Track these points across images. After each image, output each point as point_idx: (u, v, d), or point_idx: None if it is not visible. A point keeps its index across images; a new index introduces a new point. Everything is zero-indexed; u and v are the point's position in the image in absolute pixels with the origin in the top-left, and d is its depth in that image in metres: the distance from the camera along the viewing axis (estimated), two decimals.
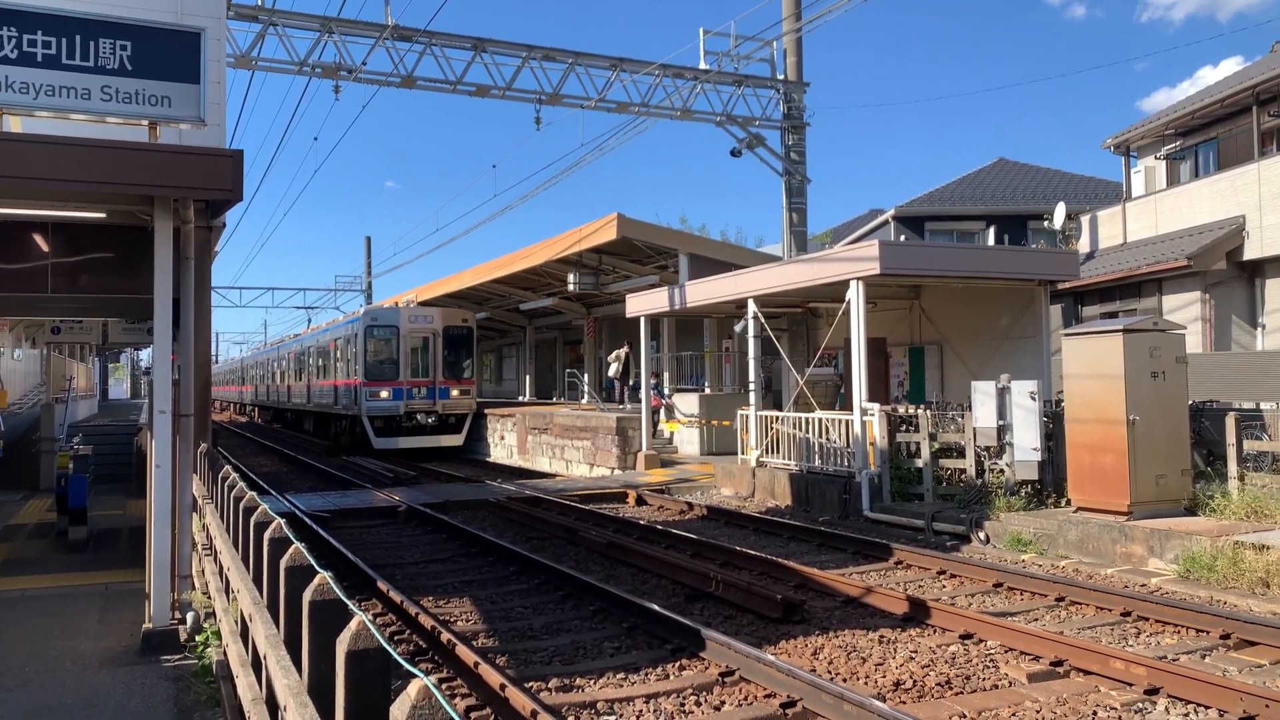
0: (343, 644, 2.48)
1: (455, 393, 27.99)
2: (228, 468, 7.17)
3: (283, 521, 4.20)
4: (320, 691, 2.85)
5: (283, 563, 3.49)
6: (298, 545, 3.50)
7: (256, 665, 4.22)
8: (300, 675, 3.05)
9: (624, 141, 24.24)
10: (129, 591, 9.21)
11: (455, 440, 27.99)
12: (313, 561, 3.29)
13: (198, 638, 7.21)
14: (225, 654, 5.67)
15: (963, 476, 13.50)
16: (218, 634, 6.63)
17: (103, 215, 8.43)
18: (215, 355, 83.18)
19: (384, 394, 26.77)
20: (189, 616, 7.53)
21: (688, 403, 22.23)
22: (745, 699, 6.42)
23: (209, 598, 7.30)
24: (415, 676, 2.02)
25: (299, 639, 3.12)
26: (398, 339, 27.34)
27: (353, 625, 2.49)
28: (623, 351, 26.01)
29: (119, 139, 7.55)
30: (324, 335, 33.38)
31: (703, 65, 21.28)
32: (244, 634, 4.84)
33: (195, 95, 7.76)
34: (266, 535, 4.08)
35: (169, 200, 7.73)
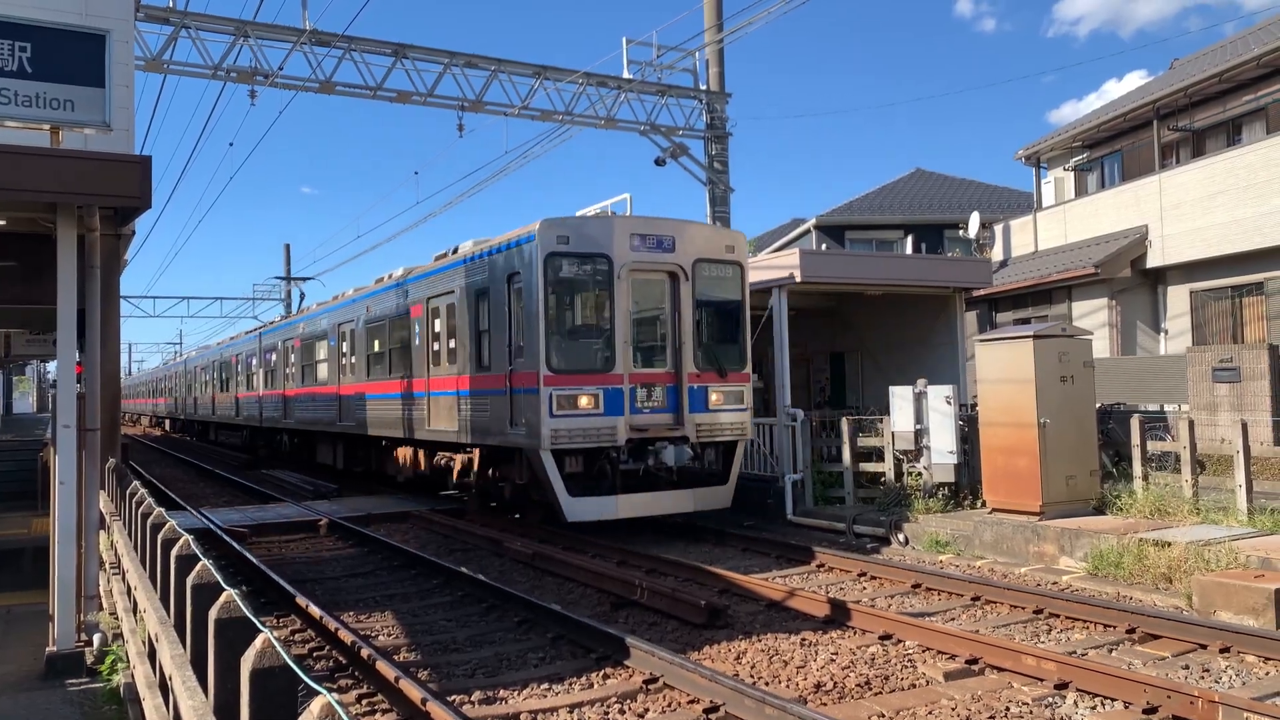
0: (247, 662, 2.42)
1: (718, 396, 13.26)
2: (136, 483, 6.95)
3: (191, 538, 4.10)
4: (226, 712, 2.78)
5: (189, 580, 3.40)
6: (204, 562, 3.41)
7: (164, 687, 4.10)
8: (207, 696, 2.97)
9: (548, 149, 24.10)
10: (33, 614, 8.85)
11: (718, 496, 13.33)
12: (219, 578, 3.21)
13: (106, 660, 6.97)
14: (133, 676, 5.49)
15: (882, 480, 13.75)
16: (126, 656, 6.41)
17: (2, 223, 8.11)
18: (128, 367, 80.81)
19: (583, 401, 12.27)
20: (96, 638, 7.28)
21: None
22: (669, 705, 6.43)
23: (117, 618, 7.07)
24: (319, 694, 1.99)
25: (206, 658, 3.04)
26: (611, 283, 12.65)
27: (258, 643, 2.44)
28: None
29: (18, 144, 7.27)
30: (383, 298, 18.31)
31: (626, 74, 21.35)
32: (152, 655, 4.70)
33: (100, 99, 7.51)
34: (174, 552, 3.97)
35: (72, 208, 7.47)
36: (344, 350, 20.67)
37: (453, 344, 14.94)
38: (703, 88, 22.29)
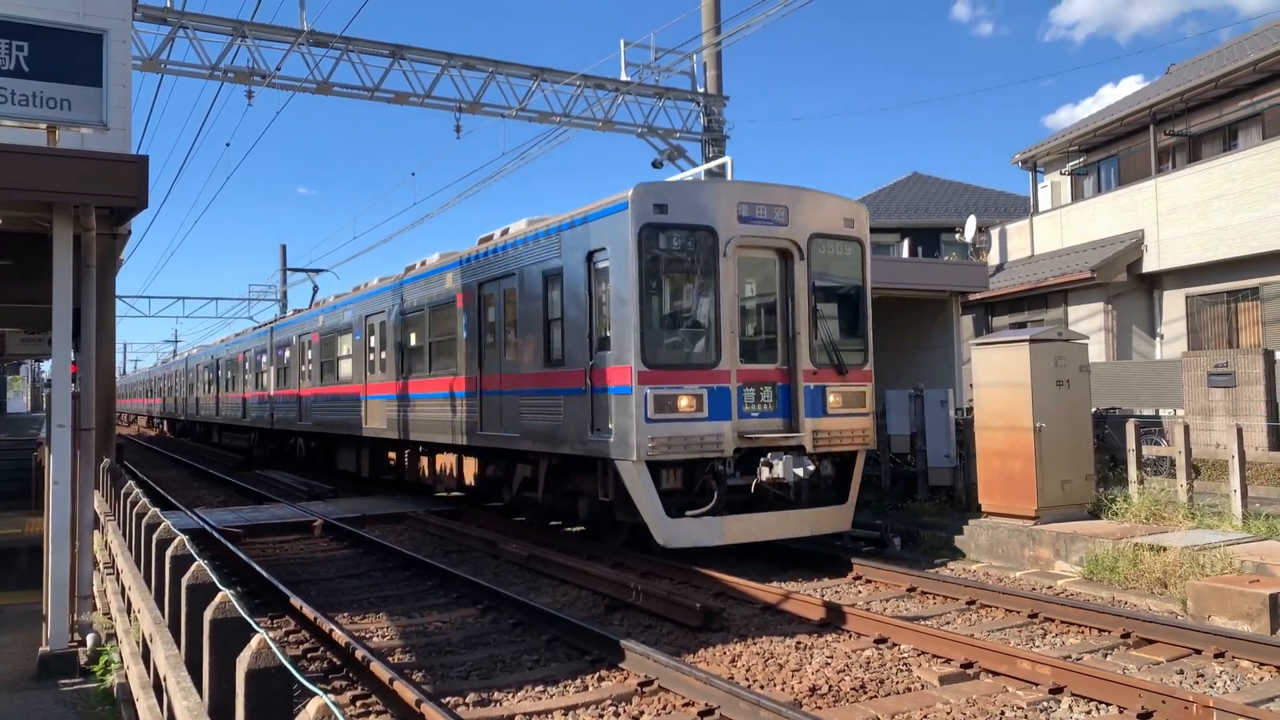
0: (242, 663, 2.41)
1: (837, 398, 11.42)
2: (131, 483, 6.94)
3: (186, 538, 4.09)
4: (221, 713, 2.77)
5: (184, 580, 3.40)
6: (200, 562, 3.41)
7: (158, 688, 4.08)
8: (201, 696, 2.97)
9: (546, 151, 23.99)
10: (26, 614, 8.81)
11: (837, 518, 11.37)
12: (215, 579, 3.20)
13: (99, 660, 6.95)
14: (127, 677, 5.48)
15: (878, 483, 13.76)
16: (120, 656, 6.40)
17: None
18: (122, 367, 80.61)
19: (684, 402, 10.44)
20: (89, 638, 7.26)
21: None
22: (664, 708, 6.43)
23: (111, 619, 7.06)
24: (315, 695, 1.98)
25: (201, 659, 3.04)
26: (715, 261, 10.79)
27: (253, 644, 2.43)
28: None
29: (14, 143, 7.26)
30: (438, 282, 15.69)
31: (624, 77, 21.37)
32: (146, 655, 4.69)
33: (97, 98, 7.50)
34: (169, 553, 3.97)
35: (69, 207, 7.46)
36: (371, 345, 18.59)
37: (511, 336, 13.08)
38: (700, 90, 22.31)
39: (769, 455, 10.58)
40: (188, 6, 17.29)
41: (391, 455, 18.55)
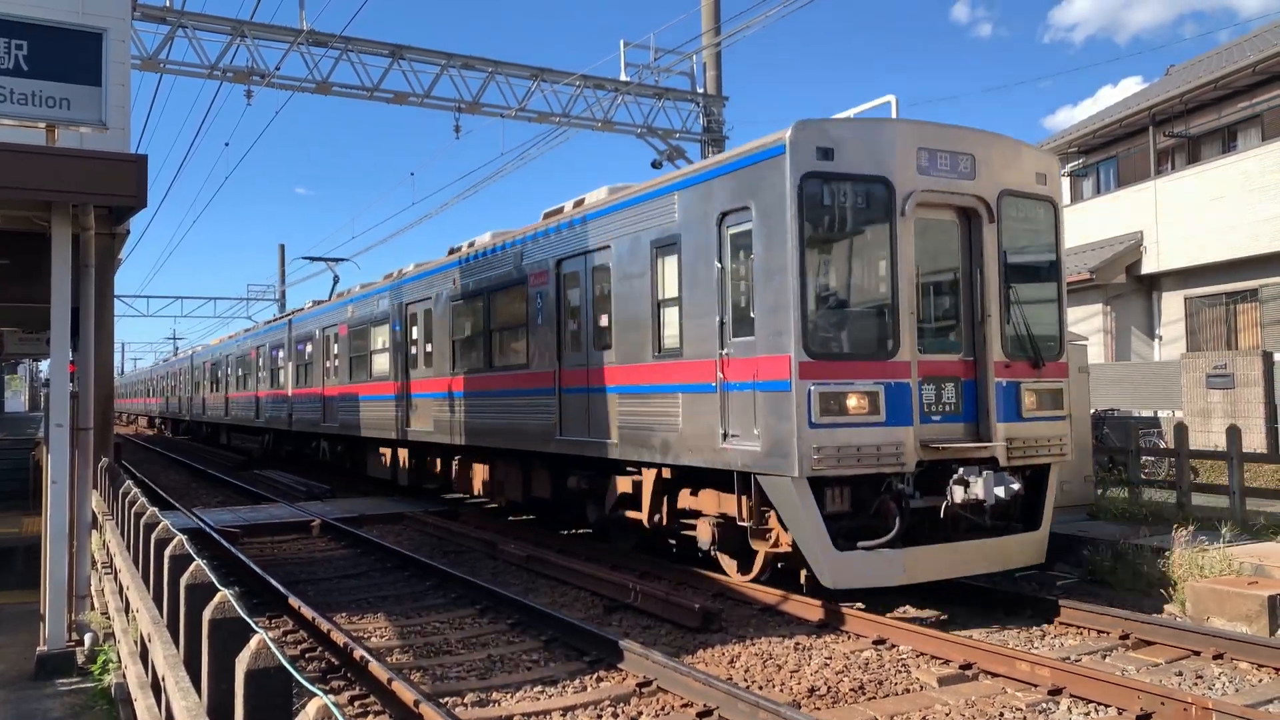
0: (242, 663, 2.41)
1: (1033, 398, 9.25)
2: (129, 482, 6.93)
3: (184, 538, 4.08)
4: (220, 714, 2.76)
5: (183, 580, 3.39)
6: (199, 562, 3.40)
7: (156, 688, 4.07)
8: (200, 697, 2.96)
9: (545, 151, 24.00)
10: (24, 613, 8.81)
11: (1028, 547, 9.19)
12: (214, 578, 3.20)
13: (97, 660, 6.94)
14: (125, 676, 5.47)
15: None
16: (118, 656, 6.39)
17: None
18: (120, 367, 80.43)
19: (855, 402, 8.29)
20: (87, 638, 7.24)
21: None
22: (663, 709, 6.42)
23: (109, 618, 7.04)
24: (315, 695, 1.97)
25: (199, 659, 3.03)
26: (892, 221, 8.63)
27: (253, 644, 2.42)
28: None
29: (13, 142, 7.25)
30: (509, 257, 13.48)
31: (623, 77, 21.36)
32: (144, 655, 4.68)
33: (96, 98, 7.50)
34: (167, 552, 3.96)
35: (67, 206, 7.45)
36: (414, 337, 16.64)
37: (603, 321, 11.05)
38: (700, 91, 22.31)
39: (961, 470, 8.52)
40: (187, 6, 17.29)
41: (435, 462, 16.61)
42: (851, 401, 8.23)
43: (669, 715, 6.31)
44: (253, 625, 2.68)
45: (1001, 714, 6.26)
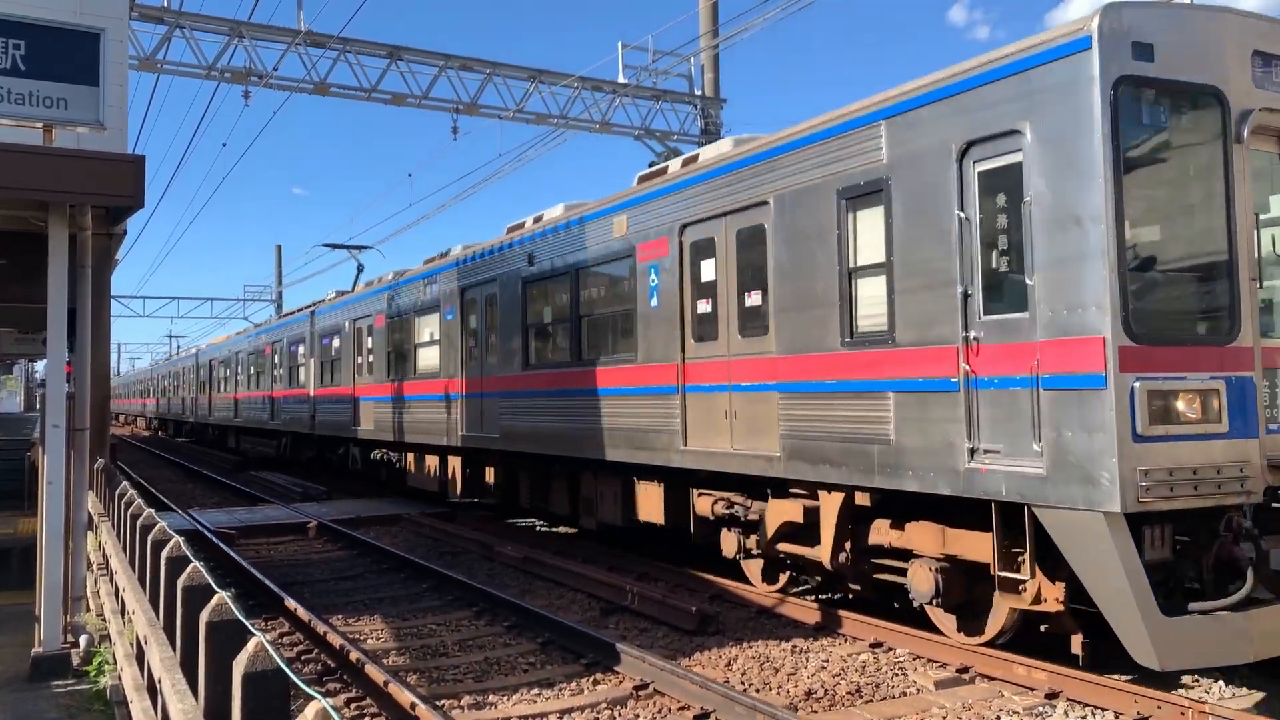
0: (239, 666, 2.40)
1: None
2: (125, 484, 6.92)
3: (181, 539, 4.07)
4: (217, 716, 2.76)
5: (180, 582, 3.38)
6: (196, 564, 3.39)
7: (152, 690, 4.06)
8: (197, 699, 2.95)
9: (543, 153, 23.91)
10: (19, 614, 8.77)
11: None
12: (211, 580, 3.19)
13: (93, 661, 6.92)
14: (120, 678, 5.46)
15: None
16: (113, 658, 6.37)
17: None
18: (117, 368, 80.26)
19: (1186, 404, 6.04)
20: (83, 640, 7.22)
21: None
22: (660, 712, 6.41)
23: (104, 620, 7.03)
24: (313, 699, 1.97)
25: (196, 661, 3.02)
26: (1226, 151, 6.35)
27: (250, 646, 2.42)
28: None
29: (10, 141, 7.24)
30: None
31: (621, 79, 21.37)
32: (140, 657, 4.67)
33: (94, 98, 7.48)
34: (164, 554, 3.95)
35: (64, 206, 7.43)
36: (471, 326, 14.46)
37: (754, 299, 8.91)
38: (698, 93, 22.33)
39: None
40: (184, 6, 17.26)
41: (489, 472, 14.76)
42: (1186, 404, 6.10)
43: (666, 718, 6.31)
44: (250, 628, 2.67)
45: (998, 718, 6.25)
